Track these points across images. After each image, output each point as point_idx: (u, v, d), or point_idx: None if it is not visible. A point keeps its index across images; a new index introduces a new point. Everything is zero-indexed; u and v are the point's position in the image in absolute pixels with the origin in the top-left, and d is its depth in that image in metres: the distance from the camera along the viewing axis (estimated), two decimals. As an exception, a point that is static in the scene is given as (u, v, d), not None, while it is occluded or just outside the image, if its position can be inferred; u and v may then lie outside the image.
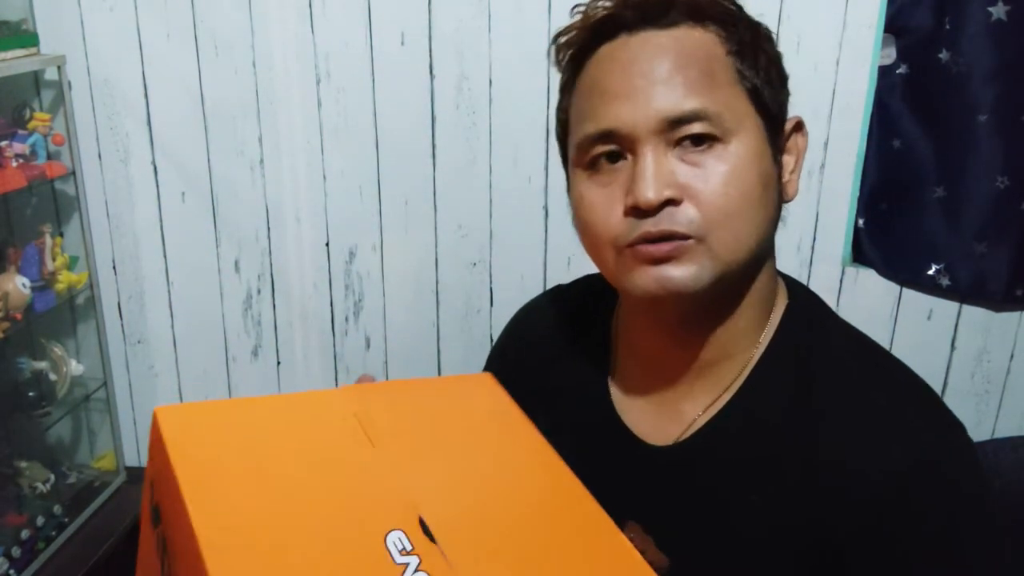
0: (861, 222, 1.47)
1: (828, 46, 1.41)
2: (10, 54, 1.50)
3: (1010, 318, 1.46)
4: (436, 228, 1.61)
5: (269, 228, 1.67)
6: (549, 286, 1.59)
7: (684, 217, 0.65)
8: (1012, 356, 1.48)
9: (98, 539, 1.63)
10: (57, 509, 1.62)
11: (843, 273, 1.50)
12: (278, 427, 0.59)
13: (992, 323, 1.47)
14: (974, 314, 1.48)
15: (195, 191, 1.67)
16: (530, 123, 1.52)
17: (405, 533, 0.51)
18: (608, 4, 0.69)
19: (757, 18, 0.72)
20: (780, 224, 0.72)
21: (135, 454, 1.86)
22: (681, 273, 0.66)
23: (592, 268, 0.97)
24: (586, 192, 0.70)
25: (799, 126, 0.74)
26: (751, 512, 0.70)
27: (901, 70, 1.39)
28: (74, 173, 1.62)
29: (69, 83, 1.61)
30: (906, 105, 1.39)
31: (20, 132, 1.55)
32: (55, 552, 1.58)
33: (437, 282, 1.65)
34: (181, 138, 1.64)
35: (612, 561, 0.55)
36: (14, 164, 1.51)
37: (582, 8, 0.71)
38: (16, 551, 1.50)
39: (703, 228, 0.65)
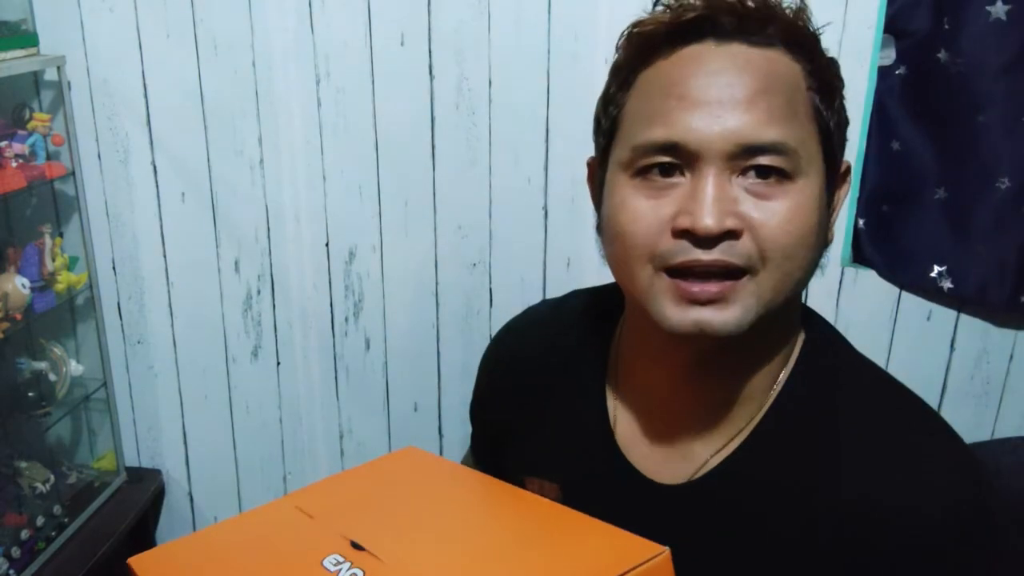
0: (861, 223, 1.47)
1: (827, 46, 1.40)
2: (10, 54, 1.50)
3: (1010, 318, 1.46)
4: (436, 229, 1.61)
5: (269, 228, 1.67)
6: (549, 287, 1.62)
7: (743, 250, 0.61)
8: (1011, 357, 1.48)
9: (98, 539, 1.63)
10: (57, 509, 1.62)
11: (843, 274, 1.50)
12: (237, 542, 0.68)
13: (992, 324, 1.47)
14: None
15: (195, 191, 1.67)
16: (530, 123, 1.52)
17: (340, 553, 0.59)
18: (701, 4, 0.64)
19: None
20: None
21: (135, 454, 1.86)
22: (723, 318, 0.62)
23: (588, 273, 0.98)
24: (630, 199, 0.64)
25: (848, 171, 0.70)
26: (769, 551, 0.67)
27: (900, 71, 1.38)
28: (74, 173, 1.62)
29: (69, 83, 1.61)
30: (906, 106, 1.39)
31: (20, 132, 1.55)
32: (55, 552, 1.58)
33: (437, 283, 1.65)
34: (181, 138, 1.64)
35: (548, 517, 0.65)
36: (14, 164, 1.51)
37: (669, 1, 0.65)
38: (16, 551, 1.50)
39: (758, 264, 0.62)
